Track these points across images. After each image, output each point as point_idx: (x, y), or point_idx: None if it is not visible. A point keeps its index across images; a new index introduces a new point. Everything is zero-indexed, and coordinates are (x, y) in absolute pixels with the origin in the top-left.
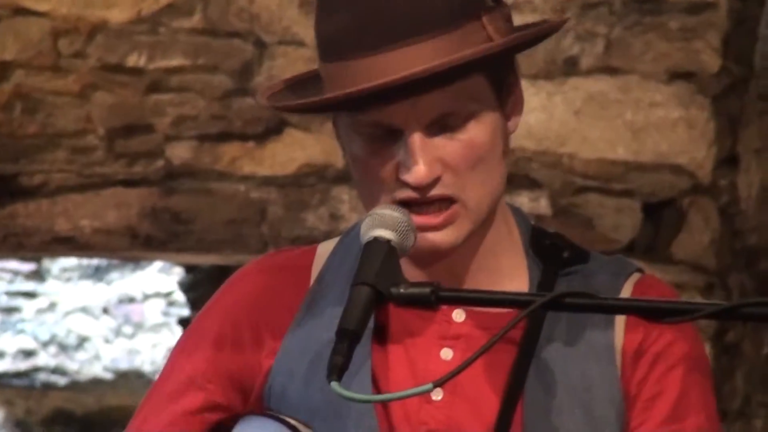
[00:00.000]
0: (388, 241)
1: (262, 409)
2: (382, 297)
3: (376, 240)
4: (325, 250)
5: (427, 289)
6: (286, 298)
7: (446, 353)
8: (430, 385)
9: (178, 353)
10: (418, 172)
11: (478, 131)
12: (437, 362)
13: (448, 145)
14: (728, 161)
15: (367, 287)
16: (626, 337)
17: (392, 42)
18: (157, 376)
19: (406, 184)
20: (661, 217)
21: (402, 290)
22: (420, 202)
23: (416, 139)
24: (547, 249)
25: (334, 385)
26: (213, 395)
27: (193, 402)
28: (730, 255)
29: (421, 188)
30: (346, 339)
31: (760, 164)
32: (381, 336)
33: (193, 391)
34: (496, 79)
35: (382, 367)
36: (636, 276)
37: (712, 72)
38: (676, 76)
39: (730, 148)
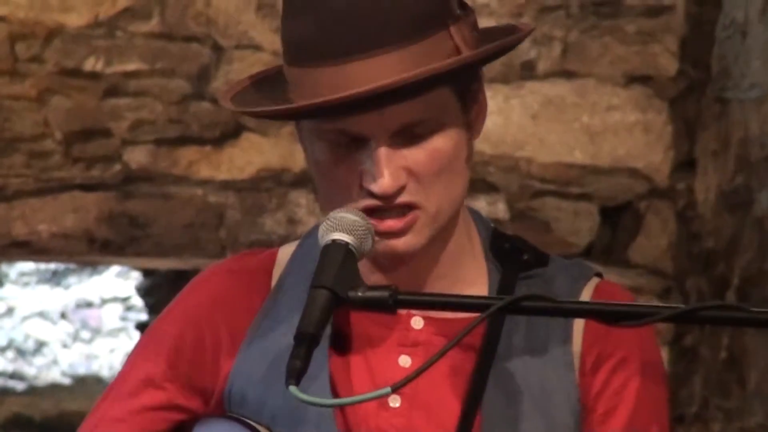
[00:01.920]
0: (347, 244)
1: (223, 412)
2: (340, 300)
3: (335, 243)
4: (285, 253)
5: (384, 293)
6: (246, 301)
7: (405, 360)
8: (387, 389)
9: (137, 354)
10: (383, 182)
11: (443, 140)
12: (395, 369)
13: (413, 155)
14: (685, 165)
15: (325, 290)
16: (584, 343)
17: (359, 52)
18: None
19: (369, 193)
20: (618, 220)
21: (360, 293)
22: (383, 208)
23: (382, 149)
24: (507, 252)
25: (293, 389)
26: (172, 395)
27: (152, 400)
28: (687, 259)
29: (386, 198)
30: (305, 343)
31: (717, 168)
32: (341, 343)
33: (151, 390)
34: (462, 89)
35: (342, 374)
36: (595, 280)
37: (669, 75)
38: (633, 79)
39: (687, 151)
